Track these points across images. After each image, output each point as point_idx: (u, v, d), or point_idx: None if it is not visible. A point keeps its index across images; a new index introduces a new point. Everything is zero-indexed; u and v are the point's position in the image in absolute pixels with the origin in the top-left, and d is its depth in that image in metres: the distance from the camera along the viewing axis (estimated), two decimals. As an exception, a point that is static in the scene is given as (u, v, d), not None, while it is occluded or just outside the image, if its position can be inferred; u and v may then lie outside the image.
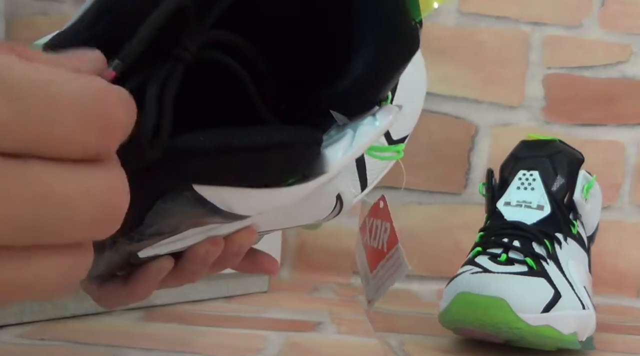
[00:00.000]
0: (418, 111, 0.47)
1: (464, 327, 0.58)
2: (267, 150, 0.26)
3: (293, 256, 0.99)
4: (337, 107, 0.29)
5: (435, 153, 1.01)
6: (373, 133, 0.29)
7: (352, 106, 0.29)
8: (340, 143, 0.29)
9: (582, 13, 1.02)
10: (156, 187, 0.26)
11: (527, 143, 0.70)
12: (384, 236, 0.51)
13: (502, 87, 1.02)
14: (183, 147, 0.25)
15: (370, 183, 0.44)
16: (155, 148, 0.24)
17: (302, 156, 0.28)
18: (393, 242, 0.50)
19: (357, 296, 0.85)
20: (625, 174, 1.02)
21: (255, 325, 0.64)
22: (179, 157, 0.25)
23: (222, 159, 0.25)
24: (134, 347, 0.52)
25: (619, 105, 1.02)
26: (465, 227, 0.97)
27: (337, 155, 0.28)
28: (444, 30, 1.01)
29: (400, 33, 0.29)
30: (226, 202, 0.27)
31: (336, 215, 0.41)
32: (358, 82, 0.29)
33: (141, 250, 0.31)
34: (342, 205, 0.40)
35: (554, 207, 0.65)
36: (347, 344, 0.59)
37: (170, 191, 0.26)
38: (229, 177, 0.26)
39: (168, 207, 0.27)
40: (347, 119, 0.29)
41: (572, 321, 0.57)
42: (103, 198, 0.19)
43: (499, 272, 0.58)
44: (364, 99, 0.29)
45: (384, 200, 0.52)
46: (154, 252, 0.32)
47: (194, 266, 0.34)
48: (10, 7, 0.80)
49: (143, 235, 0.28)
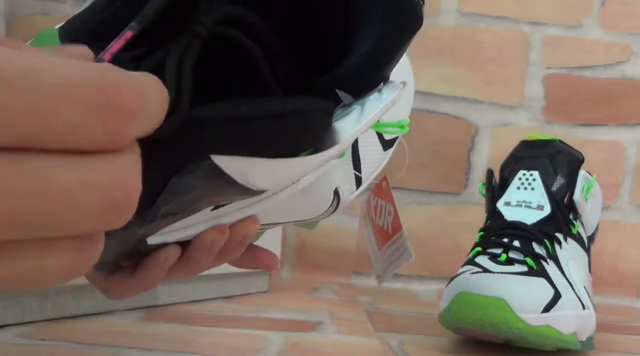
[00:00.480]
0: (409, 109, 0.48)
1: (464, 327, 0.58)
2: (282, 117, 0.27)
3: (293, 256, 0.99)
4: (343, 86, 0.30)
5: (435, 153, 1.01)
6: (380, 107, 0.30)
7: (359, 84, 0.30)
8: (348, 117, 0.29)
9: (582, 13, 1.02)
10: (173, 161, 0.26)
11: (527, 143, 0.70)
12: (389, 218, 0.51)
13: (502, 87, 1.02)
14: (201, 116, 0.25)
15: (366, 180, 0.44)
16: (175, 118, 0.24)
17: (316, 124, 0.28)
18: (397, 227, 0.50)
19: (357, 296, 0.85)
20: (625, 174, 1.02)
21: (255, 325, 0.64)
22: (197, 126, 0.25)
23: (240, 127, 0.26)
24: (134, 347, 0.52)
25: (619, 105, 1.02)
26: (465, 227, 0.97)
27: (347, 128, 0.29)
28: (444, 30, 1.01)
29: (404, 9, 0.29)
30: (242, 173, 0.28)
31: (333, 211, 0.42)
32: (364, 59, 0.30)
33: (151, 235, 0.31)
34: (339, 201, 0.41)
35: (554, 207, 0.65)
36: (347, 344, 0.59)
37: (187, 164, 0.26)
38: (246, 146, 0.27)
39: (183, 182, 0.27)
40: (353, 99, 0.30)
41: (572, 321, 0.57)
42: (107, 188, 0.19)
43: (499, 272, 0.58)
44: (370, 77, 0.30)
45: (386, 180, 0.52)
46: (162, 240, 0.32)
47: (200, 255, 0.34)
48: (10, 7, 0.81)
49: (156, 216, 0.29)
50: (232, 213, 0.34)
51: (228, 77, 0.34)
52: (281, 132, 0.27)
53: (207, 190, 0.28)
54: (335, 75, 0.30)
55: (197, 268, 0.36)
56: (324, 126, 0.29)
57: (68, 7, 0.86)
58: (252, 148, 0.27)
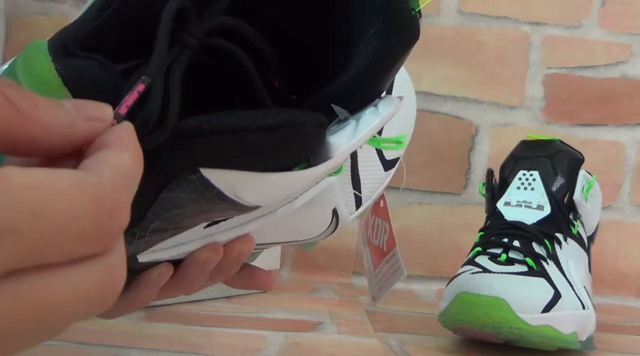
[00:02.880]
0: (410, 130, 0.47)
1: (464, 327, 0.58)
2: (273, 130, 0.26)
3: (293, 256, 0.99)
4: (339, 101, 0.29)
5: (435, 153, 1.01)
6: (376, 121, 0.29)
7: (355, 99, 0.29)
8: (343, 131, 0.29)
9: (582, 13, 1.02)
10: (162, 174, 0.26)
11: (527, 143, 0.70)
12: (384, 237, 0.51)
13: (502, 87, 1.02)
14: (190, 127, 0.25)
15: (367, 200, 0.44)
16: (163, 129, 0.24)
17: (308, 137, 0.28)
18: (391, 245, 0.50)
19: (357, 296, 0.85)
20: (625, 174, 1.02)
21: (255, 325, 0.64)
22: (186, 137, 0.25)
23: (229, 139, 0.25)
24: (134, 347, 0.52)
25: (619, 105, 1.02)
26: (465, 227, 0.97)
27: (342, 142, 0.28)
28: (444, 30, 1.01)
29: (400, 22, 0.29)
30: (232, 188, 0.27)
31: (332, 232, 0.41)
32: (359, 74, 0.29)
33: (142, 252, 0.31)
34: (339, 222, 0.40)
35: (554, 207, 0.65)
36: (347, 344, 0.59)
37: (176, 177, 0.26)
38: (236, 159, 0.26)
39: (173, 197, 0.27)
40: (348, 113, 0.29)
41: (572, 321, 0.57)
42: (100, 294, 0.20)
43: (499, 272, 0.58)
44: (366, 90, 0.29)
45: (383, 199, 0.52)
46: (154, 258, 0.32)
47: (193, 273, 0.34)
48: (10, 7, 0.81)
49: (145, 232, 0.28)
50: (226, 231, 0.33)
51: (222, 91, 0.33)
52: (272, 145, 0.26)
53: (198, 205, 0.28)
54: (331, 90, 0.29)
55: (190, 287, 0.35)
56: (316, 139, 0.28)
57: (68, 7, 0.86)
58: (243, 161, 0.26)
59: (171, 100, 0.25)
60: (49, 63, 0.25)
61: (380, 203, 0.53)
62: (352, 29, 0.30)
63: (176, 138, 0.25)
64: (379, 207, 0.53)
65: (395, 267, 0.50)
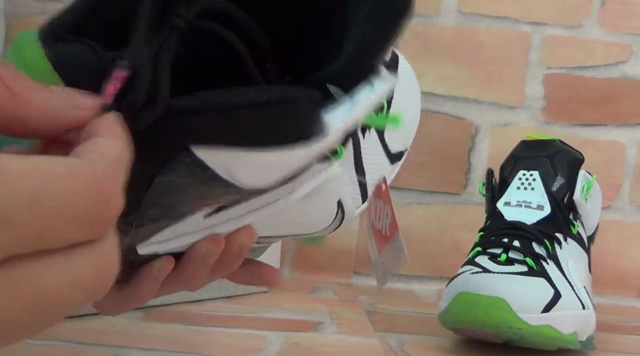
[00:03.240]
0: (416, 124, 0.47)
1: (464, 327, 0.58)
2: (267, 106, 0.26)
3: (293, 256, 0.99)
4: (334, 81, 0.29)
5: (435, 153, 1.01)
6: (371, 98, 0.29)
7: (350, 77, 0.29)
8: (339, 109, 0.28)
9: (582, 13, 1.02)
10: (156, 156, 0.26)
11: (527, 143, 0.70)
12: (386, 220, 0.51)
13: (502, 87, 1.02)
14: (182, 106, 0.25)
15: None
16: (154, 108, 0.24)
17: (302, 113, 0.27)
18: (394, 228, 0.50)
19: (357, 296, 0.85)
20: (625, 174, 1.02)
21: (255, 325, 0.64)
22: (179, 115, 0.25)
23: (222, 116, 0.25)
24: (134, 347, 0.52)
25: (619, 105, 1.02)
26: (465, 227, 0.97)
27: (337, 119, 0.28)
28: (444, 30, 1.01)
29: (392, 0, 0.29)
30: (227, 168, 0.27)
31: (337, 226, 0.41)
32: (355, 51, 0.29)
33: (140, 242, 0.30)
34: (344, 215, 0.40)
35: (554, 207, 0.65)
36: (347, 344, 0.59)
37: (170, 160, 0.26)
38: (230, 136, 0.26)
39: (167, 180, 0.26)
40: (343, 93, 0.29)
41: (572, 321, 0.57)
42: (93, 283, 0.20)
43: (499, 272, 0.58)
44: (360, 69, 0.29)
45: (385, 182, 0.52)
46: (154, 250, 0.31)
47: (195, 266, 0.33)
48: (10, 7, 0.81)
49: (142, 220, 0.28)
50: (226, 222, 0.32)
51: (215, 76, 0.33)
52: (265, 122, 0.26)
53: (193, 189, 0.27)
54: (326, 70, 0.29)
55: (192, 282, 0.35)
56: (310, 115, 0.28)
57: (68, 7, 0.86)
58: (237, 139, 0.26)
59: (160, 80, 0.24)
60: (39, 49, 0.25)
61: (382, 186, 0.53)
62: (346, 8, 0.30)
63: (168, 117, 0.24)
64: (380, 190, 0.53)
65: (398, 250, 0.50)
